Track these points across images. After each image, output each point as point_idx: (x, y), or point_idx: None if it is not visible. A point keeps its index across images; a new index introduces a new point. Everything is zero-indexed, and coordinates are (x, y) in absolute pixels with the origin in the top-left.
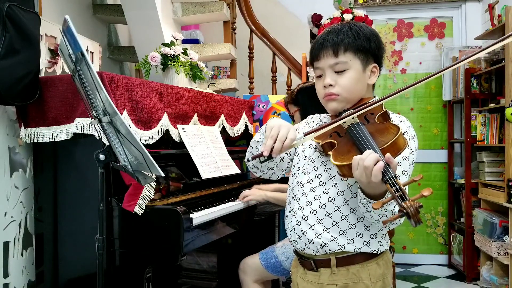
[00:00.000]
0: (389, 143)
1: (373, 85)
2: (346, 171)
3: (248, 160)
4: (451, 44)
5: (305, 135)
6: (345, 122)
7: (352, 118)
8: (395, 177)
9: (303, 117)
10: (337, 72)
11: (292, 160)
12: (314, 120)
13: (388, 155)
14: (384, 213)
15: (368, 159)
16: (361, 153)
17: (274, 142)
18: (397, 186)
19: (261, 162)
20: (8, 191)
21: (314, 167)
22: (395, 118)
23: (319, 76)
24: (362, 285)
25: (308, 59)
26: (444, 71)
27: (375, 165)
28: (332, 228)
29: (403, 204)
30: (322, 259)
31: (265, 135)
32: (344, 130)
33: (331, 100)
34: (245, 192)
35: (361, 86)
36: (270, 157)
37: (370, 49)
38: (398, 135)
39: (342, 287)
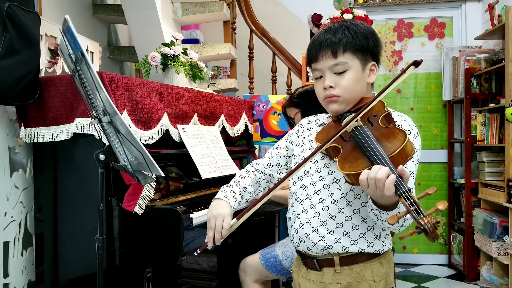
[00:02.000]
0: (397, 151)
1: (372, 84)
2: (355, 180)
3: (197, 253)
4: (451, 44)
5: (238, 219)
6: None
7: (355, 121)
8: (409, 190)
9: (304, 117)
10: (336, 73)
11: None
12: (312, 120)
13: (401, 167)
14: (402, 222)
15: (380, 172)
16: (370, 161)
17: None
18: (412, 200)
19: (210, 250)
20: (8, 191)
21: (317, 169)
22: (397, 117)
23: (318, 78)
24: (365, 284)
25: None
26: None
27: (387, 177)
28: (336, 230)
29: (420, 220)
30: (325, 259)
31: (207, 226)
32: (348, 134)
33: (332, 102)
34: None
35: (361, 86)
36: (215, 245)
37: (368, 48)
38: (405, 141)
39: (346, 286)
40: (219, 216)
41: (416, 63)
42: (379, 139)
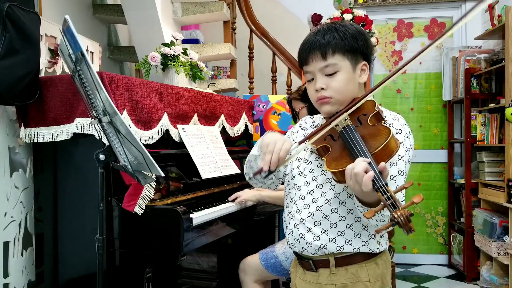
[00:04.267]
0: (380, 148)
1: (365, 83)
2: (341, 177)
3: (250, 178)
4: (451, 44)
5: (300, 143)
6: (338, 125)
7: (345, 120)
8: (386, 184)
9: (310, 113)
10: (327, 75)
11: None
12: (308, 121)
13: (383, 164)
14: (382, 218)
15: (357, 167)
16: (353, 158)
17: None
18: (388, 194)
19: (264, 178)
20: (8, 191)
21: (311, 170)
22: (389, 116)
23: (310, 80)
24: (361, 285)
25: None
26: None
27: (366, 173)
28: (330, 230)
29: (394, 213)
30: (321, 260)
31: (263, 151)
32: (337, 133)
33: (324, 103)
34: (237, 193)
35: (352, 87)
36: (270, 171)
37: (358, 48)
38: (389, 138)
39: (341, 287)
40: (279, 140)
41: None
42: (365, 138)
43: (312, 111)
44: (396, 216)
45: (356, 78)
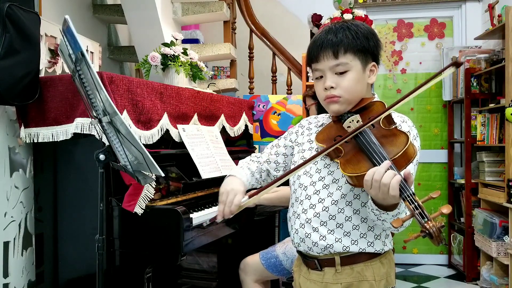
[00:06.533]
0: (400, 153)
1: (372, 84)
2: (357, 181)
3: (206, 224)
4: (451, 44)
5: (250, 197)
6: (349, 127)
7: (357, 122)
8: (414, 193)
9: (319, 111)
10: (337, 74)
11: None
12: (312, 121)
13: (407, 171)
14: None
15: (385, 178)
16: (372, 162)
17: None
18: (416, 203)
19: (217, 223)
20: (8, 191)
21: (317, 170)
22: (396, 118)
23: (319, 78)
24: (366, 283)
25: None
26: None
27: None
28: (336, 230)
29: (425, 224)
30: (326, 259)
31: (219, 199)
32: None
33: (332, 102)
34: None
35: (361, 87)
36: (224, 219)
37: (369, 49)
38: (408, 144)
39: (346, 286)
40: (231, 192)
41: (457, 64)
42: (381, 141)
43: (321, 109)
44: (428, 227)
45: (365, 78)
